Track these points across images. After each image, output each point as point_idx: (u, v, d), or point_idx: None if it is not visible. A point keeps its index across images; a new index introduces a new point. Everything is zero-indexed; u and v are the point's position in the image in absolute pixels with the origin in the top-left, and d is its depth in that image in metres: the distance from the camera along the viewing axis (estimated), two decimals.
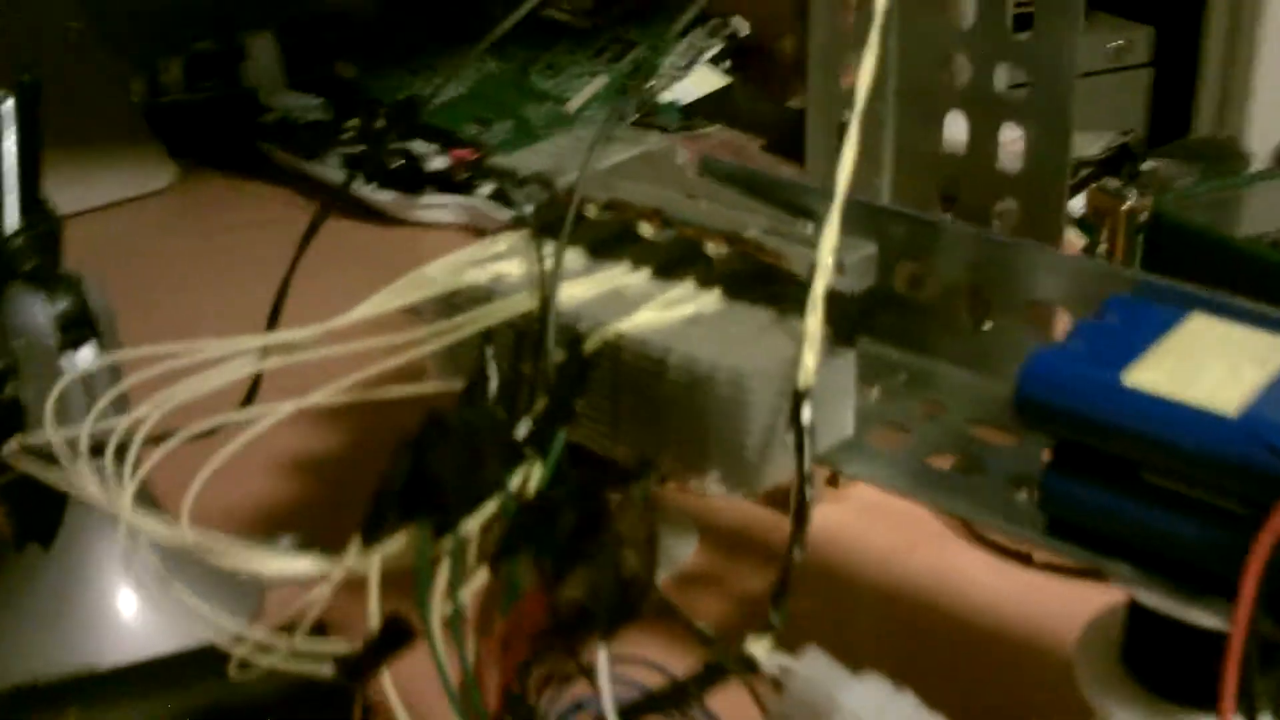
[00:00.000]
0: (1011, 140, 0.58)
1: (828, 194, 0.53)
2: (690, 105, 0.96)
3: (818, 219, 0.52)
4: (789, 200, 0.53)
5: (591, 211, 0.51)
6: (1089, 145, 0.90)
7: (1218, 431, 0.39)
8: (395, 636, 0.37)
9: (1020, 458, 0.47)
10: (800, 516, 0.41)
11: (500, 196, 0.88)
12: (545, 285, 0.46)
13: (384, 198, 0.91)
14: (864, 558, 0.60)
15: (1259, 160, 0.98)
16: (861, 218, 0.51)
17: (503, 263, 0.49)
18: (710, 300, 0.47)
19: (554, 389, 0.44)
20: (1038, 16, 0.55)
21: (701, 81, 0.95)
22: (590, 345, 0.45)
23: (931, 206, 0.61)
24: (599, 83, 0.96)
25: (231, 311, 0.82)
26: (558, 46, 1.01)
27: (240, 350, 0.47)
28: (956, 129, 0.60)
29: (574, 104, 0.95)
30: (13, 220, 0.53)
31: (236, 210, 0.97)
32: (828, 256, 0.45)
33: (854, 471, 0.48)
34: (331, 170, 0.94)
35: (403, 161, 0.92)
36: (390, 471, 0.40)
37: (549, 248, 0.49)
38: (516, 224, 0.53)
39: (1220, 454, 0.39)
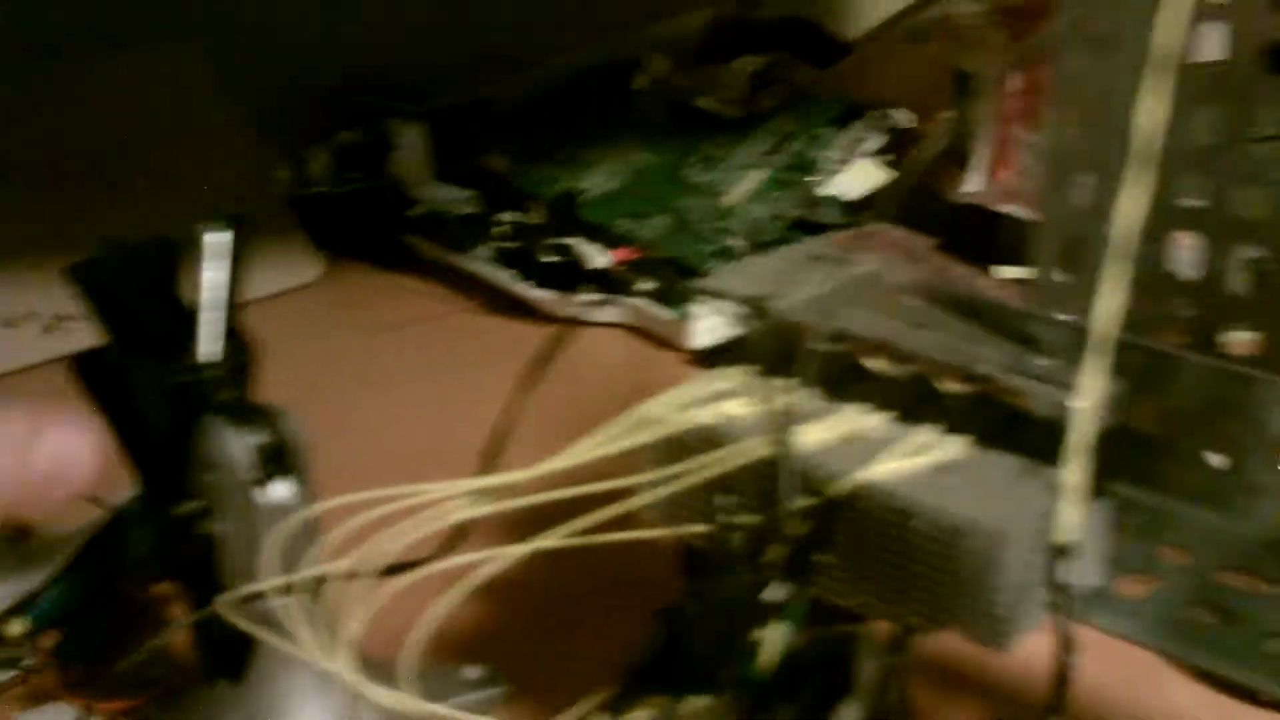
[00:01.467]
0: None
1: (1057, 325, 0.51)
2: (852, 201, 0.94)
3: (1047, 349, 0.50)
4: (1014, 327, 0.51)
5: (819, 343, 0.49)
6: None
7: None
8: None
9: (1275, 608, 0.45)
10: (1061, 684, 0.39)
11: (661, 296, 0.86)
12: (782, 430, 0.44)
13: (541, 295, 0.89)
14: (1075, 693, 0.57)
15: None
16: None
17: (730, 402, 0.47)
18: (956, 446, 0.45)
19: (798, 544, 0.42)
20: None
21: (862, 176, 0.93)
22: (834, 496, 0.43)
23: (1154, 330, 0.59)
24: (756, 177, 0.94)
25: (393, 416, 0.81)
26: (713, 138, 0.99)
27: (456, 494, 0.46)
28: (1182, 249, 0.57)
29: (731, 198, 0.93)
30: (214, 351, 0.52)
31: (387, 307, 0.95)
32: (1088, 402, 0.42)
33: (1104, 625, 0.45)
34: (485, 265, 0.93)
35: (560, 258, 0.90)
36: (645, 644, 0.38)
37: (778, 385, 0.47)
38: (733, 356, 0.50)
39: None
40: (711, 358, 0.54)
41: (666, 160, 0.99)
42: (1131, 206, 0.43)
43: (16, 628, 0.58)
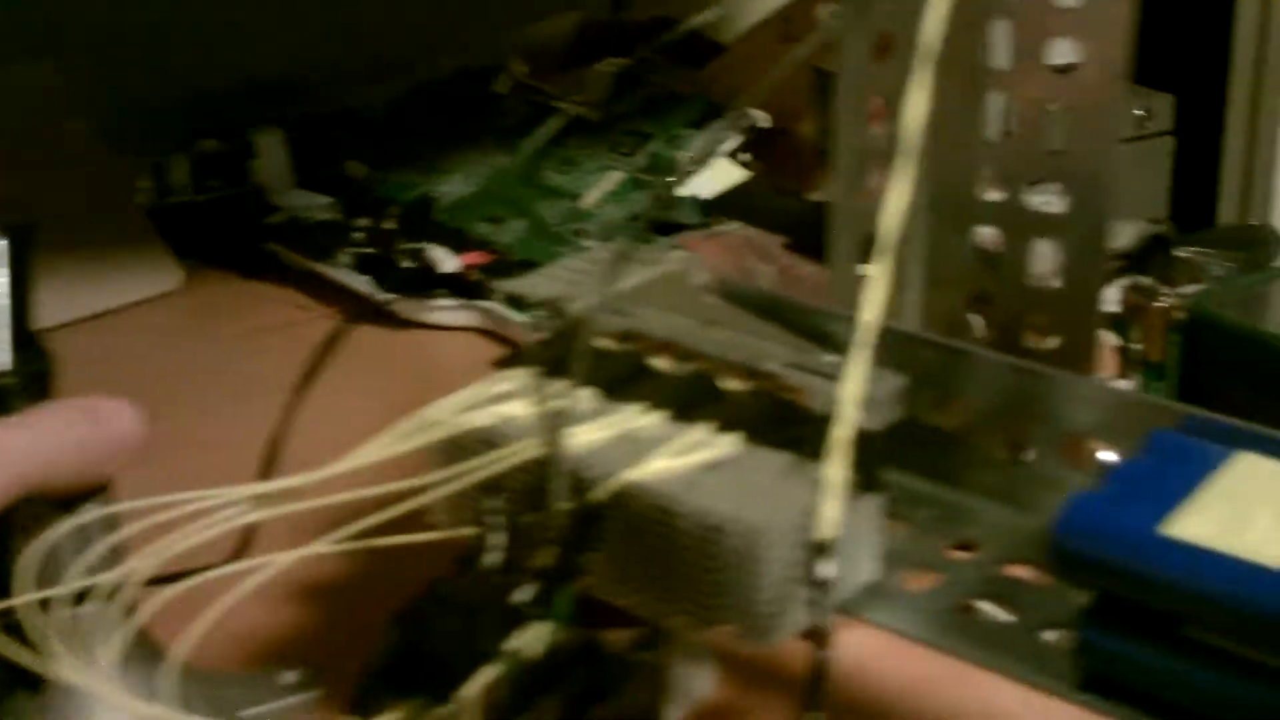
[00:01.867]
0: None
1: (851, 322, 0.51)
2: (709, 201, 0.94)
3: (840, 346, 0.50)
4: (810, 326, 0.51)
5: (607, 343, 0.49)
6: (1119, 236, 0.87)
7: (1266, 586, 0.37)
8: None
9: (1054, 599, 0.45)
10: (816, 678, 0.39)
11: (515, 299, 0.86)
12: (552, 430, 0.44)
13: (394, 300, 0.89)
14: (885, 693, 0.57)
15: None
16: (887, 345, 0.48)
17: (509, 404, 0.47)
18: (728, 444, 0.45)
19: (561, 545, 0.42)
20: (1073, 132, 0.53)
21: (720, 175, 0.93)
22: (599, 497, 0.43)
23: (962, 322, 0.59)
24: (614, 178, 0.94)
25: (247, 427, 0.80)
26: (570, 140, 0.99)
27: (235, 499, 0.46)
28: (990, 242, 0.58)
29: (588, 200, 0.93)
30: (3, 360, 0.51)
31: (246, 314, 0.94)
32: (850, 397, 0.42)
33: (877, 620, 0.45)
34: (342, 271, 0.92)
35: (413, 263, 0.89)
36: (380, 648, 0.38)
37: (559, 386, 0.47)
38: (522, 358, 0.50)
39: (1269, 610, 0.37)
40: (505, 360, 0.54)
41: (524, 163, 0.99)
42: (897, 200, 0.44)
43: None
